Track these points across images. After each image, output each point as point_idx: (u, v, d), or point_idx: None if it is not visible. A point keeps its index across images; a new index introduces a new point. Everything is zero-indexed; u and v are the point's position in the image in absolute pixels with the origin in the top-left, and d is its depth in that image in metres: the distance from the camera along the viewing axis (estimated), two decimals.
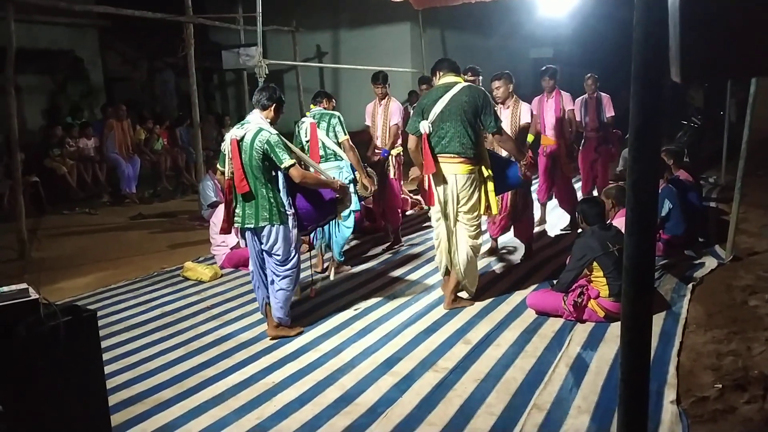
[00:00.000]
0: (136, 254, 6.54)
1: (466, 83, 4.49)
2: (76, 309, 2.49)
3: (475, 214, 4.47)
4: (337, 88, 12.48)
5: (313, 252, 5.63)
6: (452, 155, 4.36)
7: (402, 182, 6.83)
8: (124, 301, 5.07)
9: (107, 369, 3.37)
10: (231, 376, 3.67)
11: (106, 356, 3.64)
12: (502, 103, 5.62)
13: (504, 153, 5.12)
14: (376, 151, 6.37)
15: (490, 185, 4.47)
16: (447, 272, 4.70)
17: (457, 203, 4.43)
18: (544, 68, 6.89)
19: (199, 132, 8.65)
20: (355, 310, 4.68)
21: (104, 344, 3.85)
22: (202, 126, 9.47)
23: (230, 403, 3.34)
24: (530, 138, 6.57)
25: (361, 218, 7.08)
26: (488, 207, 4.50)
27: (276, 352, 3.98)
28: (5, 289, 2.32)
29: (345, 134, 5.26)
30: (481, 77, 7.63)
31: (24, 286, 2.37)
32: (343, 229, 5.48)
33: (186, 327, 4.48)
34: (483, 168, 4.46)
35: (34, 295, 2.35)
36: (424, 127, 4.39)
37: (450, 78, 4.49)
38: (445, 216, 4.51)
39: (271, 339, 4.16)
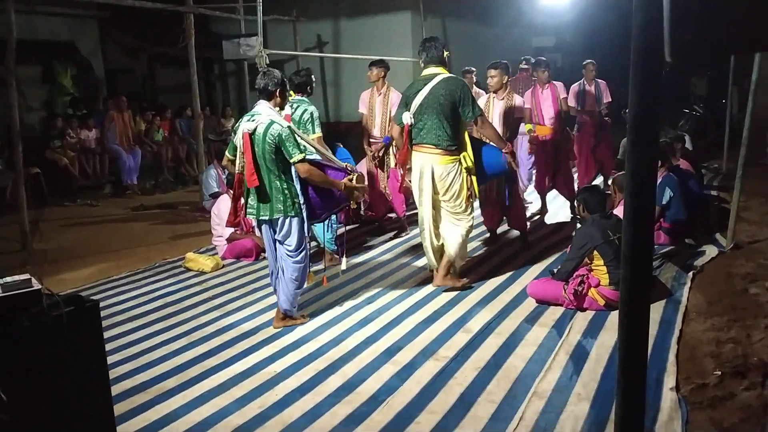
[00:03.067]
0: (138, 245, 6.55)
1: (446, 75, 4.51)
2: (78, 299, 2.50)
3: (460, 200, 4.56)
4: (338, 78, 12.44)
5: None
6: (429, 145, 4.50)
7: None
8: (127, 292, 5.08)
9: (110, 359, 3.39)
10: (233, 365, 3.69)
11: (108, 347, 3.66)
12: (495, 92, 5.63)
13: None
14: (372, 140, 6.35)
15: (472, 173, 4.55)
16: (436, 254, 4.77)
17: (436, 192, 4.56)
18: (535, 60, 6.99)
19: (200, 123, 8.64)
20: (356, 299, 4.70)
21: (107, 335, 3.87)
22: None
23: (233, 392, 3.37)
24: (528, 127, 6.65)
25: (357, 208, 7.06)
26: (471, 195, 4.58)
27: (278, 342, 3.99)
28: (8, 279, 2.33)
29: (314, 131, 5.07)
30: (475, 74, 7.67)
31: (27, 276, 2.37)
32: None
33: (188, 317, 4.50)
34: (464, 157, 4.54)
35: (36, 285, 2.36)
36: (406, 118, 4.53)
37: (431, 69, 4.56)
38: (421, 203, 4.63)
39: (275, 328, 4.17)
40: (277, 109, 4.03)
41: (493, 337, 3.93)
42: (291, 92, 5.29)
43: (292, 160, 3.88)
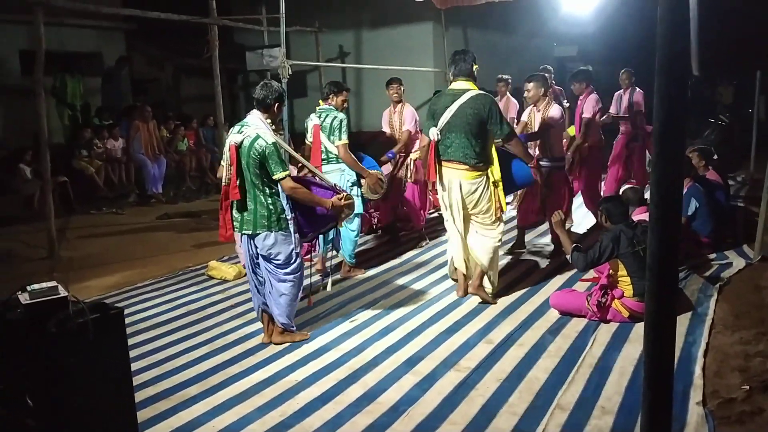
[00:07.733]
0: (161, 253, 6.63)
1: (475, 92, 4.49)
2: (103, 306, 2.53)
3: (489, 214, 4.61)
4: (360, 88, 12.50)
5: (314, 253, 5.56)
6: (456, 162, 4.53)
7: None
8: (150, 300, 5.14)
9: (133, 366, 3.41)
10: (255, 373, 3.70)
11: (132, 353, 3.69)
12: (534, 104, 5.68)
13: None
14: (400, 154, 6.38)
15: (499, 187, 4.59)
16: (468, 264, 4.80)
17: (464, 208, 4.59)
18: (576, 71, 6.83)
19: (224, 132, 8.74)
20: (377, 309, 4.70)
21: (130, 342, 3.90)
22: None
23: (254, 400, 3.38)
24: (572, 131, 6.67)
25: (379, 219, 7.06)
26: (499, 207, 4.61)
27: (299, 351, 4.00)
28: (36, 286, 2.37)
29: (341, 138, 5.06)
30: (509, 83, 7.69)
31: (54, 283, 2.41)
32: (347, 232, 5.37)
33: (210, 325, 4.53)
34: (491, 172, 4.57)
35: (63, 292, 2.40)
36: (433, 134, 4.55)
37: (460, 84, 4.58)
38: (451, 218, 4.66)
39: (275, 344, 4.08)
40: (269, 121, 3.95)
41: (515, 349, 3.90)
42: (320, 101, 5.35)
43: (274, 177, 3.79)
